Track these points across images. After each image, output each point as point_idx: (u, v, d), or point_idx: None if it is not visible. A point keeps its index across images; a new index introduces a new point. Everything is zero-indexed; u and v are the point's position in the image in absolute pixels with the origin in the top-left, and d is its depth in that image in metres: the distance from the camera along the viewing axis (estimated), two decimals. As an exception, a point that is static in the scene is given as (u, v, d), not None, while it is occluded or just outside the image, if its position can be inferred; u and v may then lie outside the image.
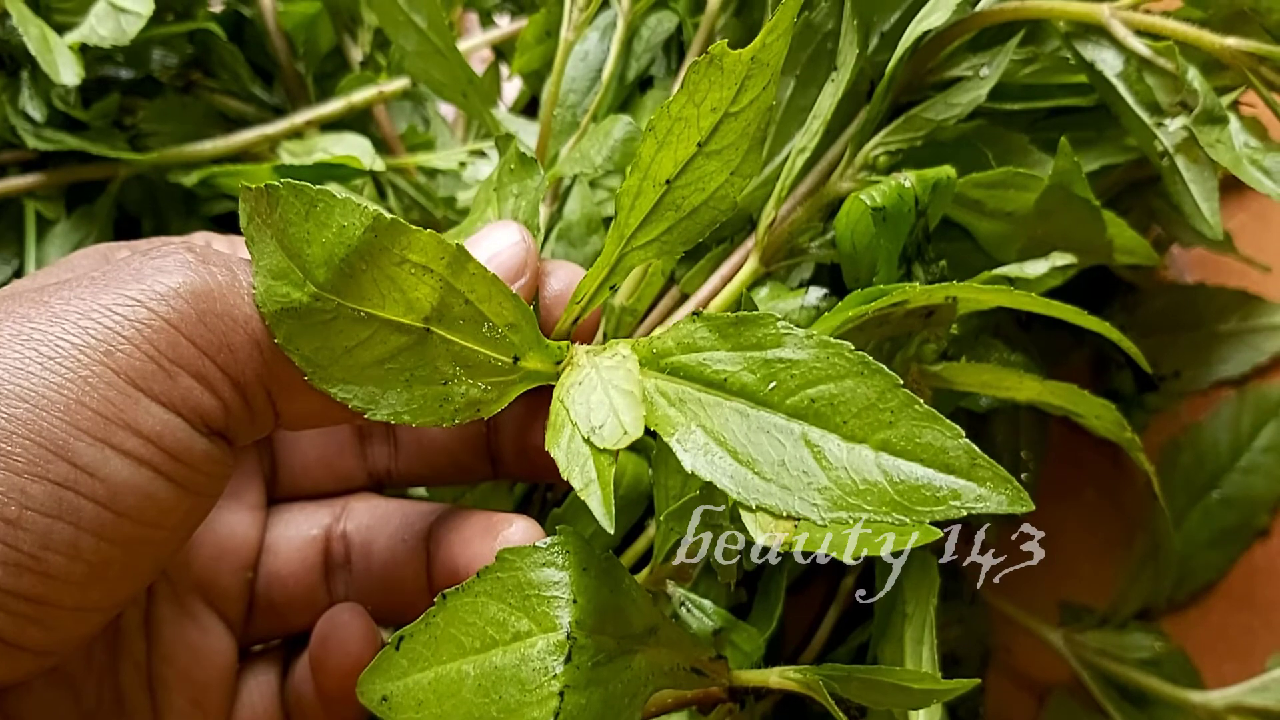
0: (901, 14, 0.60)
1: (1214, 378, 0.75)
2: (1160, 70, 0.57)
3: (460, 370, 0.40)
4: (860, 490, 0.35)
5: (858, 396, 0.36)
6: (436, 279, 0.39)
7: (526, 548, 0.41)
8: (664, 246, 0.44)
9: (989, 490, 0.34)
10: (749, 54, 0.40)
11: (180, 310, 0.37)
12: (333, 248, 0.38)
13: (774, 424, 0.37)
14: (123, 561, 0.37)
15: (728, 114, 0.41)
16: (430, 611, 0.40)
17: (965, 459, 0.34)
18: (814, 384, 0.36)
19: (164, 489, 0.37)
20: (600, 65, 0.66)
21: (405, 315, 0.39)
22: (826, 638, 0.64)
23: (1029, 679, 0.72)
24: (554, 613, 0.40)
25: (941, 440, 0.34)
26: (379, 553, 0.48)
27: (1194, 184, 0.57)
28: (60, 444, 0.35)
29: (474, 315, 0.40)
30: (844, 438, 0.35)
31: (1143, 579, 0.69)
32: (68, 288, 0.37)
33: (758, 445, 0.36)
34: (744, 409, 0.37)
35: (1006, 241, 0.59)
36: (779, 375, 0.37)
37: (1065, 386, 0.55)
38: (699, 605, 0.51)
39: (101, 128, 0.66)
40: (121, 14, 0.61)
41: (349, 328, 0.39)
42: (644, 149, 0.41)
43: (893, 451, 0.35)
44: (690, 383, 0.39)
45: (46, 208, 0.65)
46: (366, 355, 0.39)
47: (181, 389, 0.37)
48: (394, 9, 0.62)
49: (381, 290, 0.39)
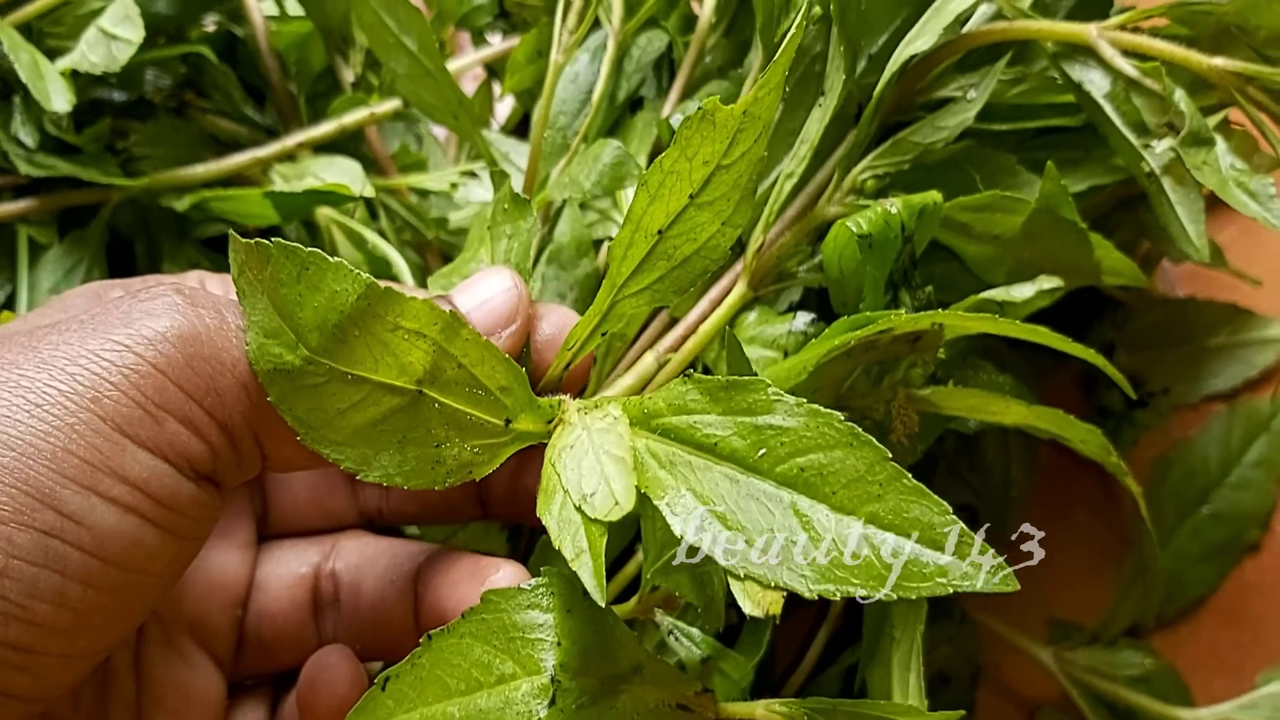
0: (889, 36, 0.60)
1: (1205, 392, 0.75)
2: (1147, 91, 0.57)
3: (452, 432, 0.41)
4: (848, 564, 0.35)
5: (847, 467, 0.36)
6: (430, 343, 0.39)
7: (511, 589, 0.41)
8: (656, 295, 0.44)
9: (975, 569, 0.34)
10: (740, 109, 0.40)
11: (168, 355, 0.37)
12: (325, 312, 0.38)
13: (763, 491, 0.37)
14: (110, 608, 0.37)
15: (720, 167, 0.41)
16: (416, 652, 0.40)
17: (953, 536, 0.34)
18: (803, 452, 0.37)
19: (151, 535, 0.37)
20: (590, 87, 0.66)
21: (398, 378, 0.39)
22: (816, 660, 0.64)
23: (1019, 696, 0.72)
24: (538, 655, 0.40)
25: (929, 516, 0.35)
26: (367, 593, 0.48)
27: (1180, 205, 0.57)
28: (47, 492, 0.35)
29: (467, 379, 0.40)
30: (833, 508, 0.36)
31: (1132, 596, 0.69)
32: (56, 332, 0.38)
33: (747, 512, 0.37)
34: (734, 474, 0.38)
35: (994, 264, 0.60)
36: (769, 442, 0.37)
37: (1052, 412, 0.55)
38: (687, 634, 0.51)
39: (94, 152, 0.66)
40: (113, 40, 0.61)
41: (341, 390, 0.39)
42: (636, 203, 0.42)
43: (880, 525, 0.35)
44: (681, 445, 0.39)
45: (39, 233, 0.66)
46: (359, 417, 0.39)
47: (168, 434, 0.37)
48: (385, 32, 0.62)
49: (374, 354, 0.39)
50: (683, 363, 0.56)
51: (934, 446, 0.61)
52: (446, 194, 0.72)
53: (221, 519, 0.42)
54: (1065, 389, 0.78)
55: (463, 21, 0.78)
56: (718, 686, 0.50)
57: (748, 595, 0.35)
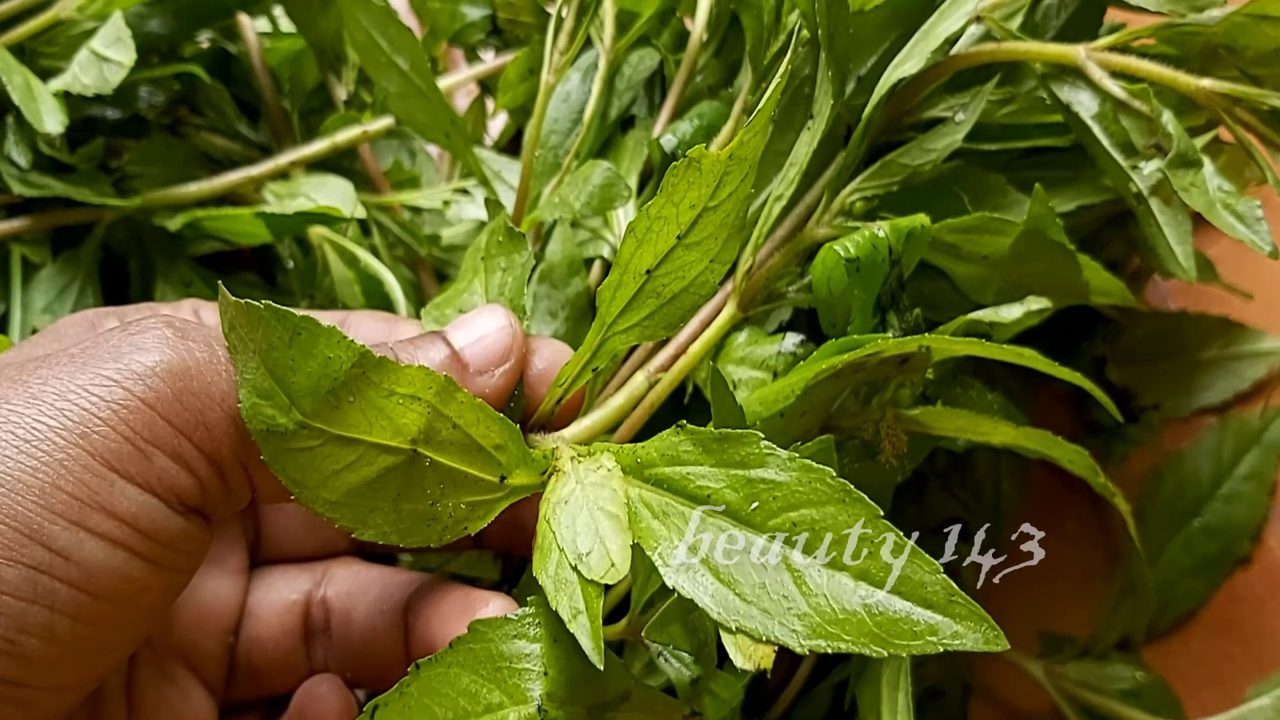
0: (878, 59, 0.60)
1: (1196, 405, 0.76)
2: (1135, 112, 0.57)
3: (448, 490, 0.41)
4: (839, 620, 0.35)
5: (839, 523, 0.36)
6: (424, 406, 0.40)
7: (499, 619, 0.42)
8: (645, 331, 0.44)
9: (965, 628, 0.34)
10: (726, 154, 0.41)
11: (157, 390, 0.38)
12: (319, 379, 0.38)
13: (756, 545, 0.37)
14: (99, 640, 0.37)
15: (706, 209, 0.42)
16: (404, 681, 0.41)
17: (943, 595, 0.35)
18: (796, 507, 0.37)
19: (140, 569, 0.37)
20: (582, 106, 0.67)
21: (393, 439, 0.40)
22: (806, 677, 0.64)
23: (1011, 710, 0.72)
24: (525, 685, 0.41)
25: (920, 575, 0.35)
26: (358, 621, 0.48)
27: (1168, 226, 0.57)
28: (35, 528, 0.35)
29: (461, 439, 0.41)
30: (825, 565, 0.36)
31: (1122, 610, 0.70)
32: (46, 366, 0.38)
33: (739, 566, 0.37)
34: (726, 527, 0.38)
35: (983, 284, 0.60)
36: (761, 496, 0.37)
37: (1039, 433, 0.55)
38: (676, 655, 0.52)
39: (87, 171, 0.66)
40: (105, 63, 0.61)
41: (335, 452, 0.39)
42: (624, 248, 0.42)
43: (872, 582, 0.35)
44: (674, 496, 0.39)
45: (32, 252, 0.66)
46: (353, 477, 0.40)
47: (157, 469, 0.38)
48: (377, 52, 0.62)
49: (369, 418, 0.39)
50: (673, 382, 0.56)
51: (924, 463, 0.62)
52: (439, 211, 0.72)
53: (213, 546, 0.43)
54: (1056, 405, 0.78)
55: (455, 38, 0.79)
56: (708, 707, 0.50)
57: (739, 649, 0.36)
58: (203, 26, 0.74)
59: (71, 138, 0.67)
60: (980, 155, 0.63)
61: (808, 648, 0.35)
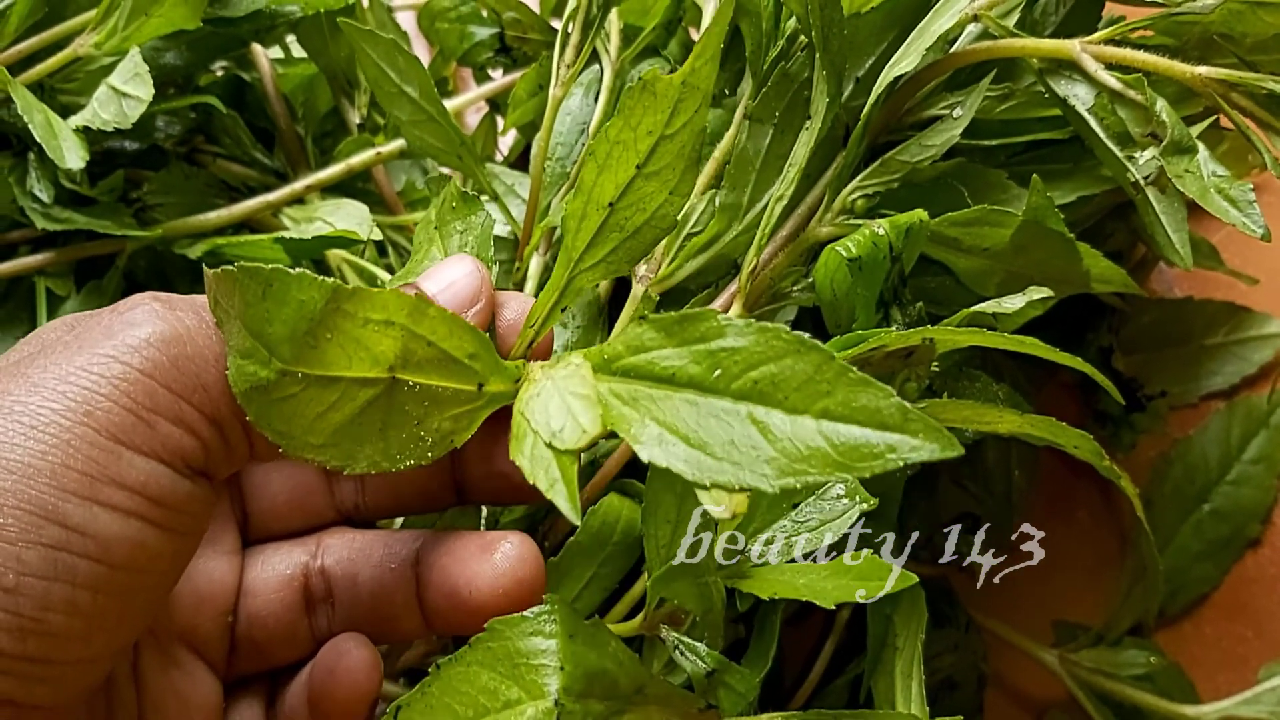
0: (876, 59, 0.61)
1: (1203, 391, 0.76)
2: (1131, 102, 0.58)
3: (430, 408, 0.42)
4: (805, 456, 0.36)
5: (797, 372, 0.36)
6: (399, 330, 0.40)
7: (515, 617, 0.43)
8: (610, 266, 0.46)
9: (922, 440, 0.35)
10: (679, 79, 0.42)
11: (153, 359, 0.39)
12: (294, 323, 0.39)
13: (721, 408, 0.37)
14: (119, 610, 0.38)
15: (663, 137, 0.43)
16: (425, 681, 0.42)
17: (899, 415, 0.35)
18: (756, 366, 0.37)
19: (153, 536, 0.39)
20: (588, 118, 0.68)
21: (371, 370, 0.41)
22: (823, 671, 0.65)
23: (1026, 699, 0.73)
24: (542, 680, 0.42)
25: (875, 401, 0.35)
26: (366, 582, 0.49)
27: (1164, 215, 0.58)
28: (50, 509, 0.36)
29: (437, 355, 0.42)
30: (787, 411, 0.36)
31: (1134, 596, 0.70)
32: (43, 355, 0.39)
33: (708, 429, 0.37)
34: (693, 398, 0.38)
35: (985, 276, 0.61)
36: (723, 363, 0.38)
37: (1045, 420, 0.56)
38: (692, 649, 0.53)
39: (108, 203, 0.68)
40: (123, 98, 0.63)
41: (317, 394, 0.40)
42: (585, 173, 0.43)
43: (832, 418, 0.36)
44: (641, 381, 0.40)
45: (57, 285, 0.67)
46: (337, 416, 0.41)
47: (161, 436, 0.39)
48: (387, 82, 0.64)
49: (348, 353, 0.40)
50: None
51: (934, 456, 0.63)
52: (452, 228, 0.74)
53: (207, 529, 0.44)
54: (1063, 396, 0.79)
55: (464, 58, 0.80)
56: (724, 700, 0.51)
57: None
58: (217, 57, 0.76)
59: (92, 171, 0.68)
60: (980, 151, 0.64)
61: (778, 486, 0.35)
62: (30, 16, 0.67)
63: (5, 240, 0.71)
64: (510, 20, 0.78)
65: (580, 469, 0.59)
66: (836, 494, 0.53)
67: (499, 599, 0.46)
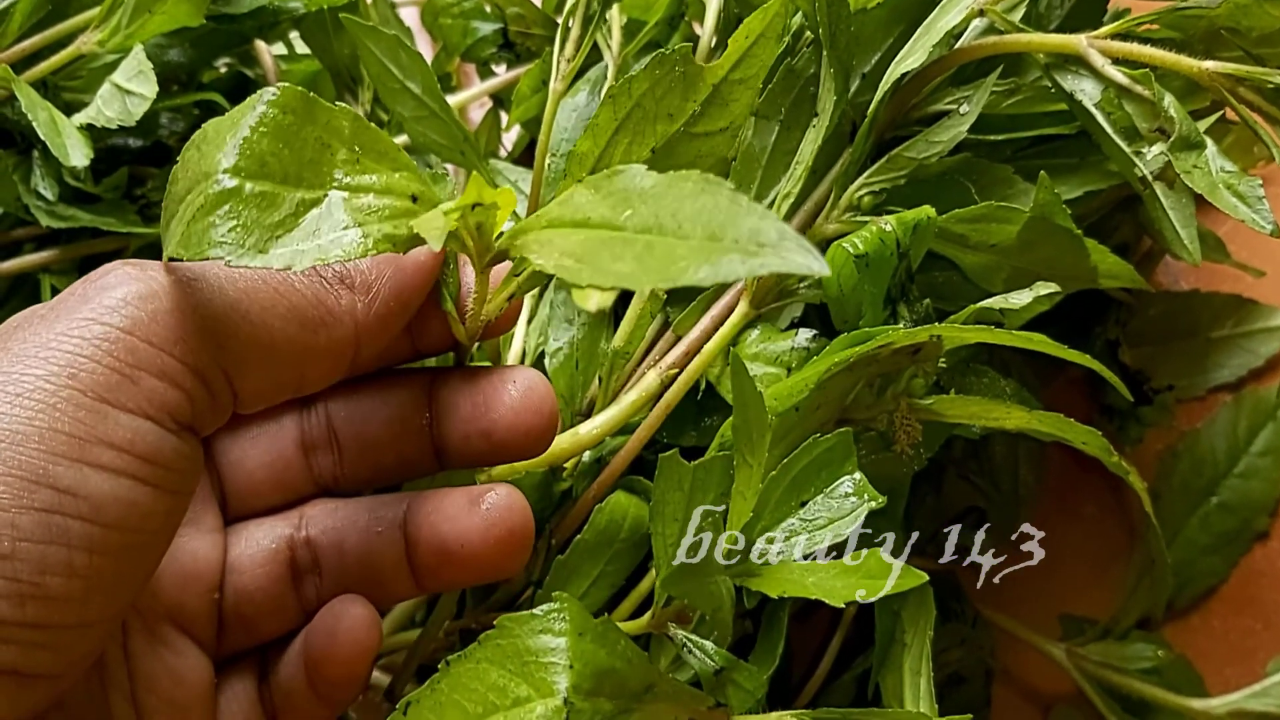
0: (882, 55, 0.61)
1: (1210, 384, 0.76)
2: (1138, 97, 0.58)
3: (368, 216, 0.41)
4: (680, 256, 0.35)
5: (698, 208, 0.36)
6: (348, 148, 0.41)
7: (525, 615, 0.43)
8: None
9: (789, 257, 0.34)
10: (710, 77, 0.42)
11: (132, 316, 0.39)
12: (253, 140, 0.40)
13: (622, 239, 0.37)
14: (114, 570, 0.39)
15: (685, 131, 0.44)
16: (435, 678, 0.42)
17: (775, 233, 0.34)
18: (663, 207, 0.37)
19: (144, 494, 0.39)
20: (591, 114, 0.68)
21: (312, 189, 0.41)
22: (830, 667, 0.65)
23: (1034, 693, 0.73)
24: (551, 678, 0.42)
25: (758, 223, 0.35)
26: (353, 548, 0.49)
27: (1172, 210, 0.58)
28: (41, 473, 0.36)
29: (372, 166, 0.42)
30: (678, 238, 0.36)
31: (1142, 590, 0.70)
32: (21, 329, 0.39)
33: (606, 251, 0.37)
34: (601, 234, 0.38)
35: (992, 272, 0.61)
36: (633, 203, 0.38)
37: (1052, 415, 0.56)
38: (700, 647, 0.53)
39: (113, 200, 0.68)
40: (127, 95, 0.63)
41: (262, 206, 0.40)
42: (602, 115, 0.45)
43: (715, 239, 0.35)
44: (562, 228, 0.40)
45: (61, 282, 0.67)
46: (279, 227, 0.40)
47: (146, 391, 0.39)
48: (390, 79, 0.64)
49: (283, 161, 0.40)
50: (688, 381, 0.57)
51: (941, 452, 0.63)
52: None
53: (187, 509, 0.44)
54: (1071, 391, 0.79)
55: (468, 54, 0.80)
56: (732, 698, 0.51)
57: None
58: (220, 54, 0.76)
59: (96, 168, 0.69)
60: (987, 146, 0.63)
61: (648, 286, 0.35)
62: (33, 14, 0.67)
63: (10, 238, 0.71)
64: (513, 15, 0.78)
65: (586, 467, 0.60)
66: (845, 491, 0.53)
67: (491, 550, 0.47)
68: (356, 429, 0.50)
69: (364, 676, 0.48)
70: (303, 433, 0.51)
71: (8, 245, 0.71)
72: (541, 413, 0.48)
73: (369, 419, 0.50)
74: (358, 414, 0.50)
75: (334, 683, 0.48)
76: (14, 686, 0.37)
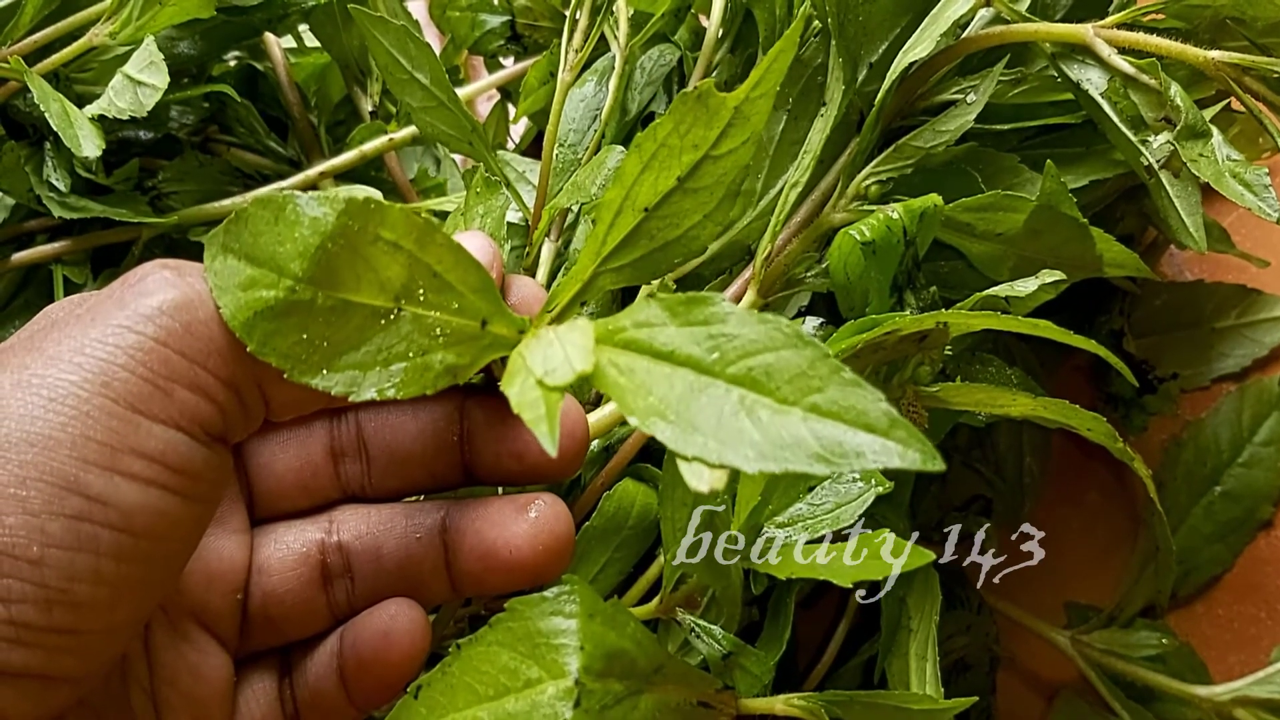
0: (889, 44, 0.61)
1: (1215, 374, 0.77)
2: (1144, 86, 0.58)
3: (434, 341, 0.42)
4: (787, 445, 0.36)
5: (791, 365, 0.37)
6: (405, 255, 0.41)
7: (535, 597, 0.43)
8: (636, 273, 0.46)
9: (904, 448, 0.35)
10: (733, 101, 0.42)
11: (167, 327, 0.39)
12: (307, 239, 0.40)
13: (713, 389, 0.37)
14: (141, 577, 0.39)
15: (709, 156, 0.43)
16: (445, 661, 0.42)
17: (885, 420, 0.35)
18: (753, 354, 0.37)
19: (173, 503, 0.39)
20: (599, 104, 0.68)
21: (378, 298, 0.41)
22: (837, 653, 0.66)
23: (1038, 680, 0.73)
24: (562, 660, 0.42)
25: (864, 404, 0.36)
26: (391, 554, 0.49)
27: (1178, 199, 0.58)
28: (71, 480, 0.37)
29: (441, 285, 0.42)
30: (776, 400, 0.36)
31: (1146, 577, 0.70)
32: (56, 329, 0.39)
33: (698, 406, 0.37)
34: (688, 376, 0.38)
35: (998, 261, 0.61)
36: (721, 347, 0.38)
37: (1057, 402, 0.56)
38: (708, 631, 0.53)
39: (124, 191, 0.68)
40: (139, 87, 0.63)
41: (325, 315, 0.40)
42: (628, 164, 0.43)
43: (820, 413, 0.36)
44: (641, 355, 0.40)
45: (74, 273, 0.68)
46: (342, 338, 0.41)
47: (179, 403, 0.39)
48: (398, 69, 0.64)
49: (356, 273, 0.40)
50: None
51: (946, 440, 0.63)
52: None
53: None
54: (1075, 378, 0.79)
55: (475, 46, 0.80)
56: (740, 682, 0.52)
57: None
58: (230, 46, 0.76)
59: (107, 160, 0.69)
60: (993, 136, 0.64)
61: (757, 467, 0.36)
62: (45, 7, 0.67)
63: (23, 229, 0.71)
64: (521, 8, 0.79)
65: (594, 455, 0.60)
66: (852, 476, 0.53)
67: (539, 556, 0.47)
68: (386, 440, 0.50)
69: (409, 680, 0.48)
70: (333, 440, 0.51)
71: (20, 236, 0.71)
72: (574, 436, 0.48)
73: (399, 431, 0.50)
74: (388, 425, 0.50)
75: (380, 684, 0.48)
76: (38, 689, 0.38)
